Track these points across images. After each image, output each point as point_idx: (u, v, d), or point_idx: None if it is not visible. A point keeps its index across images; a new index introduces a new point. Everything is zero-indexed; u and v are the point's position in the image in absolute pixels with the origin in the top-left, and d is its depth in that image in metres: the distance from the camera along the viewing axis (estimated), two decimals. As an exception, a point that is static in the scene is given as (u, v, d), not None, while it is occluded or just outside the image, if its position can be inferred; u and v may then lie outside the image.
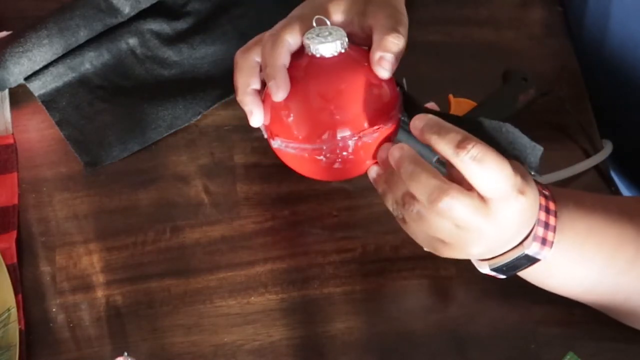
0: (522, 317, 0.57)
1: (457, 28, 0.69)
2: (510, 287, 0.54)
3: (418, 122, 0.45)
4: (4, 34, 0.61)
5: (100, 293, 0.57)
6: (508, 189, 0.44)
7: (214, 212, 0.60)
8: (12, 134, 0.60)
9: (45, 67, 0.60)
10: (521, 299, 0.57)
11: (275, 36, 0.49)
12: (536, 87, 0.62)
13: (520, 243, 0.47)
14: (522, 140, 0.47)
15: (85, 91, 0.61)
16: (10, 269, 0.55)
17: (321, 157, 0.48)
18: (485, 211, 0.44)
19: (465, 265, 0.51)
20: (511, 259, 0.48)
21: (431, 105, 0.53)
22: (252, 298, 0.58)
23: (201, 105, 0.62)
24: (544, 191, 0.49)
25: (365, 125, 0.47)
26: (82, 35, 0.60)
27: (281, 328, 0.57)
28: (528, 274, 0.50)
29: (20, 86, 0.60)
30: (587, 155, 0.63)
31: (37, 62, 0.59)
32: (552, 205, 0.48)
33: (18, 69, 0.59)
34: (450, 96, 0.62)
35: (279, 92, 0.48)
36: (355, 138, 0.47)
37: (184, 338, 0.56)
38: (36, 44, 0.59)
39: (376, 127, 0.47)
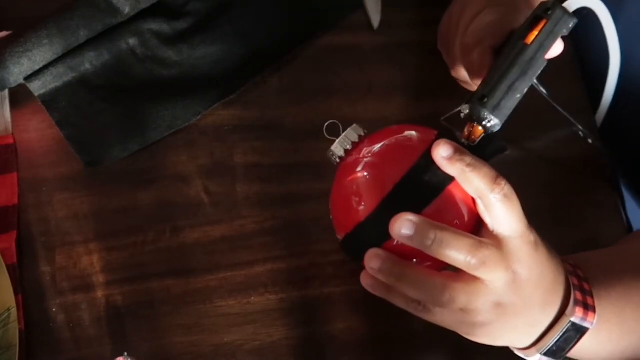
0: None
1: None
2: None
3: (443, 151, 0.43)
4: (4, 34, 0.61)
5: (100, 293, 0.57)
6: (524, 229, 0.44)
7: (214, 212, 0.60)
8: (12, 134, 0.60)
9: (45, 67, 0.60)
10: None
11: None
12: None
13: (558, 319, 0.46)
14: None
15: (85, 91, 0.61)
16: (10, 269, 0.55)
17: None
18: (487, 291, 0.44)
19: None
20: (559, 333, 0.46)
21: None
22: (252, 298, 0.58)
23: (201, 105, 0.62)
24: (568, 261, 0.48)
25: None
26: (82, 35, 0.60)
27: (281, 328, 0.57)
28: (578, 352, 0.48)
29: (20, 86, 0.60)
30: (587, 157, 0.63)
31: (37, 62, 0.59)
32: (581, 272, 0.48)
33: (18, 69, 0.59)
34: None
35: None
36: None
37: (184, 338, 0.56)
38: (36, 44, 0.59)
39: None
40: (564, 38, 0.47)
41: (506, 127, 0.59)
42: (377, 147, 0.47)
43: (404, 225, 0.42)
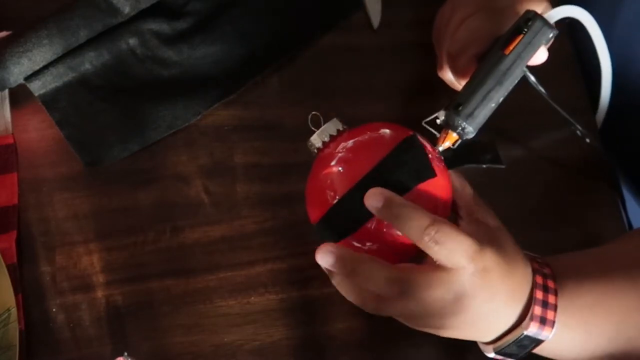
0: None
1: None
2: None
3: (375, 202, 0.45)
4: (4, 34, 0.61)
5: (100, 293, 0.57)
6: (463, 262, 0.45)
7: (214, 212, 0.60)
8: (12, 134, 0.60)
9: (45, 67, 0.60)
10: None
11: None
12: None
13: (519, 323, 0.48)
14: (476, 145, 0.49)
15: (85, 91, 0.61)
16: (10, 269, 0.55)
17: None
18: (441, 283, 0.45)
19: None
20: (512, 340, 0.48)
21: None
22: (252, 298, 0.58)
23: (201, 105, 0.62)
24: (543, 269, 0.49)
25: None
26: (82, 35, 0.60)
27: (281, 328, 0.57)
28: (540, 351, 0.50)
29: (20, 86, 0.60)
30: (587, 158, 0.63)
31: (37, 62, 0.59)
32: (551, 284, 0.48)
33: (18, 69, 0.59)
34: None
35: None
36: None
37: (184, 338, 0.56)
38: (36, 44, 0.59)
39: None
40: (561, 40, 0.47)
41: (506, 127, 0.60)
42: (350, 142, 0.48)
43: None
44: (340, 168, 0.47)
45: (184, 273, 0.58)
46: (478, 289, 0.45)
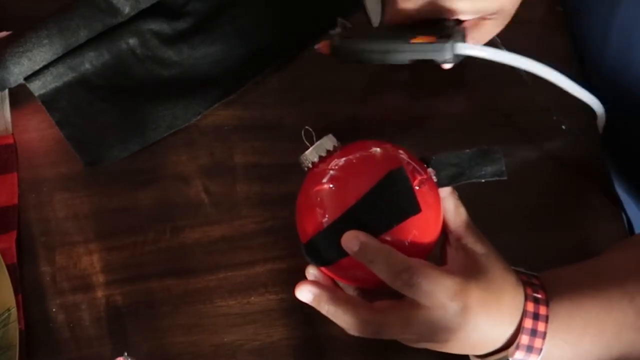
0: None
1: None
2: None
3: (350, 245, 0.46)
4: (4, 34, 0.61)
5: (100, 293, 0.57)
6: (443, 301, 0.45)
7: (214, 212, 0.60)
8: (12, 134, 0.60)
9: (45, 67, 0.60)
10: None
11: None
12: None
13: (508, 346, 0.48)
14: (477, 154, 0.48)
15: (85, 91, 0.61)
16: (10, 269, 0.55)
17: None
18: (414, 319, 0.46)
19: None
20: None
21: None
22: (252, 298, 0.58)
23: (201, 105, 0.62)
24: (536, 294, 0.48)
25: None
26: (82, 35, 0.60)
27: (281, 328, 0.57)
28: None
29: (20, 86, 0.60)
30: (586, 158, 0.63)
31: (37, 62, 0.59)
32: (543, 310, 0.48)
33: (18, 69, 0.59)
34: None
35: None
36: None
37: (184, 338, 0.56)
38: (36, 44, 0.59)
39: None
40: (561, 40, 0.47)
41: (504, 128, 0.59)
42: (342, 160, 0.48)
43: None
44: (330, 187, 0.47)
45: (184, 273, 0.58)
46: (461, 324, 0.46)
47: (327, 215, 0.47)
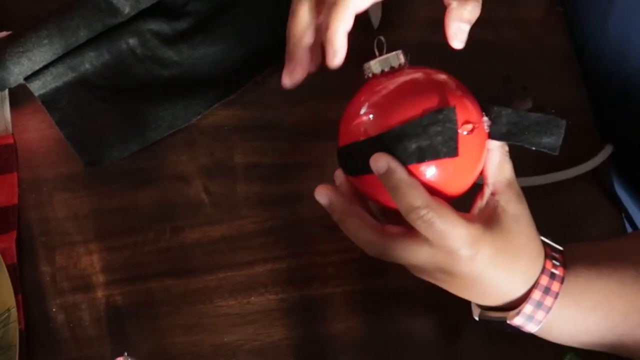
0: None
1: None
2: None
3: (378, 166, 0.45)
4: (4, 34, 0.61)
5: (100, 293, 0.57)
6: (454, 246, 0.45)
7: (214, 212, 0.60)
8: (12, 134, 0.60)
9: (45, 67, 0.60)
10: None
11: None
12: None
13: (512, 308, 0.48)
14: (540, 120, 0.47)
15: (85, 91, 0.61)
16: (10, 269, 0.55)
17: None
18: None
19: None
20: (495, 319, 0.49)
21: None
22: (252, 298, 0.58)
23: (201, 105, 0.62)
24: (553, 270, 0.48)
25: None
26: (82, 35, 0.60)
27: (281, 328, 0.57)
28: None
29: (20, 86, 0.60)
30: (586, 159, 0.63)
31: (37, 62, 0.59)
32: (556, 287, 0.48)
33: (18, 69, 0.59)
34: None
35: (335, 59, 0.49)
36: None
37: (184, 338, 0.56)
38: (36, 44, 0.59)
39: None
40: (561, 40, 0.47)
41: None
42: (401, 80, 0.48)
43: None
44: (379, 104, 0.47)
45: (184, 273, 0.58)
46: (462, 273, 0.46)
47: (367, 130, 0.47)
